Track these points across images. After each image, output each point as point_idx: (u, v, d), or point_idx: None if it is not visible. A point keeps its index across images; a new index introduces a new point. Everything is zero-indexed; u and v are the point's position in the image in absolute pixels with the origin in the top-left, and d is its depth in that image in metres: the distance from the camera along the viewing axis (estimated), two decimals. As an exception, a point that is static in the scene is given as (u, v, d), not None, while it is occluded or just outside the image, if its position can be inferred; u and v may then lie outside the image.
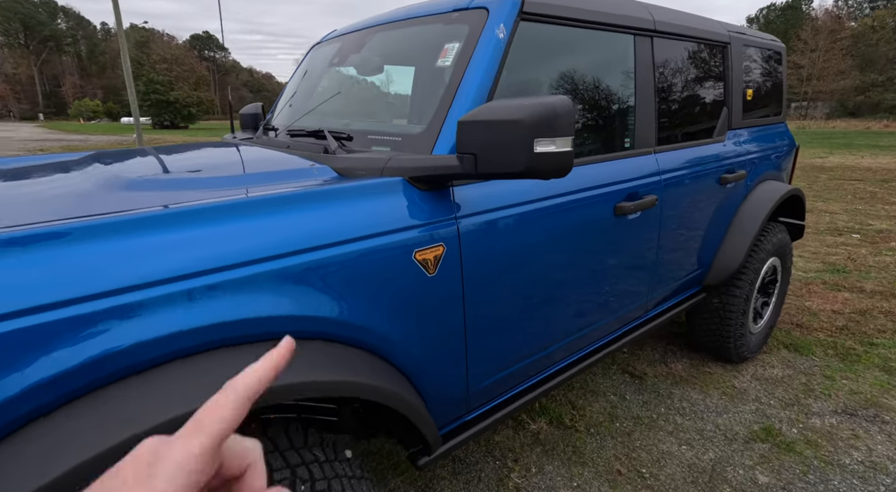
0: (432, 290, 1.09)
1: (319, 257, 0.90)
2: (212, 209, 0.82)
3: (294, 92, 1.89)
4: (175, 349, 0.73)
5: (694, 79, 1.96)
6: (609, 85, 1.61)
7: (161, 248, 0.75)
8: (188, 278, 0.75)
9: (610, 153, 1.59)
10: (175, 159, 1.35)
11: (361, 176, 1.12)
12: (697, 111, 2.01)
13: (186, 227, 0.78)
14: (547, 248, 1.35)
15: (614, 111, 1.63)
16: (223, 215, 0.83)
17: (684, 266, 2.03)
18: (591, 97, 1.55)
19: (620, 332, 1.86)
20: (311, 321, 0.88)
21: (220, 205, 0.83)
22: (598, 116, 1.59)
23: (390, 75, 1.58)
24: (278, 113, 1.90)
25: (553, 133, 0.96)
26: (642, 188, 1.64)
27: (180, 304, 0.74)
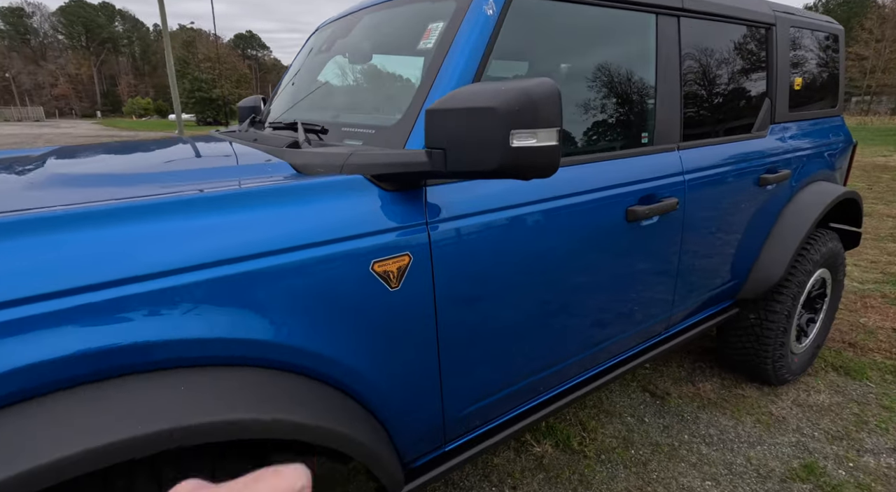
0: (395, 306, 0.94)
1: (250, 269, 0.77)
2: (112, 211, 0.70)
3: (287, 83, 1.79)
4: (55, 379, 0.62)
5: (730, 66, 1.72)
6: (623, 71, 1.41)
7: (37, 257, 0.64)
8: (72, 294, 0.63)
9: (622, 150, 1.39)
10: (127, 156, 1.25)
11: (319, 173, 0.99)
12: (733, 103, 1.76)
13: (74, 231, 0.67)
14: (541, 259, 1.17)
15: (629, 102, 1.43)
16: (128, 217, 0.71)
17: (714, 278, 1.79)
18: (601, 85, 1.36)
19: (639, 349, 1.66)
20: (235, 345, 0.75)
21: (125, 206, 0.71)
22: (609, 108, 1.39)
23: (377, 61, 1.43)
24: (269, 105, 1.80)
25: (534, 124, 0.79)
26: (661, 190, 1.43)
27: (58, 325, 0.62)
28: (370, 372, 0.94)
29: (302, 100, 1.56)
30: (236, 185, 0.86)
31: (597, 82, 1.36)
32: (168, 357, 0.69)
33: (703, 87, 1.63)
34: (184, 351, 0.70)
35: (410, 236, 0.95)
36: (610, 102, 1.40)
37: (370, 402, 0.96)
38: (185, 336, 0.70)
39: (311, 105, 1.52)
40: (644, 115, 1.47)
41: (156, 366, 0.69)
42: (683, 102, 1.54)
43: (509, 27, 1.12)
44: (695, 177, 1.53)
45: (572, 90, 1.32)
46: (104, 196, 0.80)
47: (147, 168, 1.00)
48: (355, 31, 1.50)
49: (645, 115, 1.47)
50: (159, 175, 0.93)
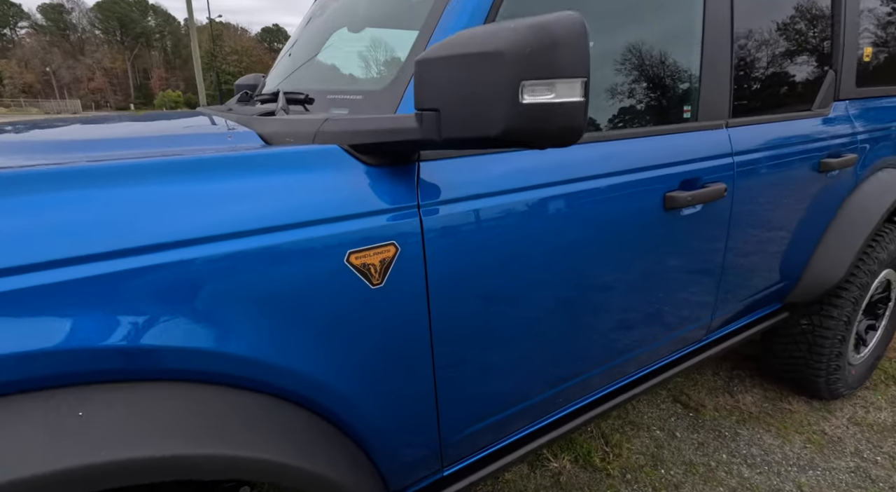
0: (377, 307, 0.77)
1: (177, 260, 0.60)
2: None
3: (283, 56, 1.62)
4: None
5: (790, 31, 1.47)
6: (663, 33, 1.19)
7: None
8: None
9: (660, 125, 1.18)
10: (91, 128, 1.11)
11: (288, 143, 0.82)
12: (792, 74, 1.51)
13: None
14: (563, 252, 0.98)
15: (669, 70, 1.21)
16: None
17: (762, 277, 1.56)
18: (635, 50, 1.14)
19: (674, 357, 1.45)
20: (158, 355, 0.59)
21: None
22: (645, 76, 1.17)
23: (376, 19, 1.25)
24: (262, 83, 1.64)
25: (551, 72, 0.60)
26: (706, 173, 1.21)
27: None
28: (345, 388, 0.77)
29: (294, 71, 1.39)
30: (171, 152, 0.69)
31: (631, 46, 1.14)
32: (58, 372, 0.53)
33: (757, 54, 1.39)
34: (82, 363, 0.54)
35: (398, 222, 0.77)
36: (646, 70, 1.18)
37: (346, 423, 0.79)
38: (83, 345, 0.54)
39: (305, 76, 1.35)
40: (687, 86, 1.25)
41: (48, 382, 0.53)
42: (734, 72, 1.31)
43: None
44: (746, 159, 1.30)
45: (602, 55, 1.11)
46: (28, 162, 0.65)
47: (88, 137, 0.85)
48: (351, -10, 1.32)
49: (688, 86, 1.25)
50: (97, 143, 0.78)
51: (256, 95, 1.45)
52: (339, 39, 1.35)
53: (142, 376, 0.59)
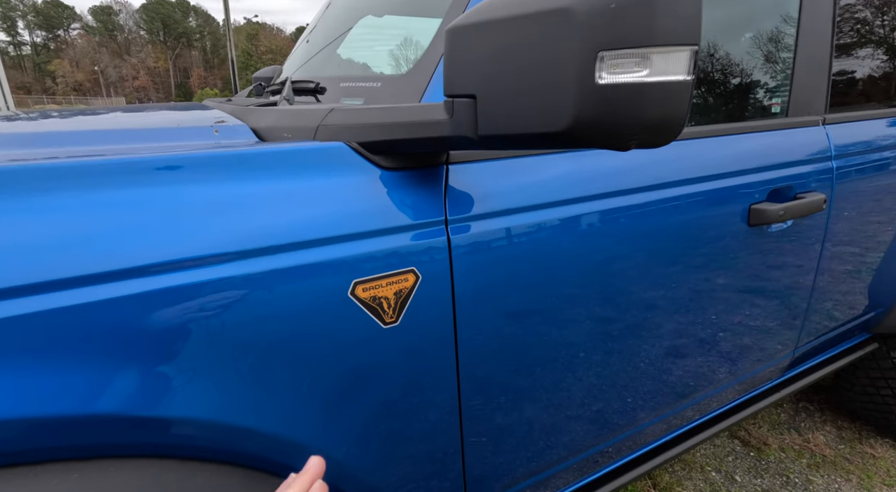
0: (389, 351, 0.59)
1: (128, 294, 0.44)
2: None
3: (301, 43, 1.48)
4: None
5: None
6: (750, 15, 0.97)
7: None
8: None
9: (743, 122, 0.96)
10: (84, 119, 0.97)
11: (285, 139, 0.65)
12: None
13: None
14: (622, 281, 0.78)
15: (754, 54, 0.99)
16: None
17: (851, 306, 1.31)
18: (714, 33, 0.93)
19: (743, 399, 1.22)
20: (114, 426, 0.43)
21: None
22: (725, 64, 0.96)
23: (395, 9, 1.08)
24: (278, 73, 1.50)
25: (646, 38, 0.40)
26: (800, 181, 0.98)
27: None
28: (352, 459, 0.60)
29: (310, 60, 1.23)
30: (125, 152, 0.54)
31: (711, 31, 0.93)
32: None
33: (863, 40, 1.14)
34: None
35: (419, 243, 0.59)
36: (727, 57, 0.96)
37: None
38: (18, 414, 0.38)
39: (321, 65, 1.19)
40: (776, 76, 1.02)
41: None
42: (834, 57, 1.07)
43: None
44: (850, 163, 1.06)
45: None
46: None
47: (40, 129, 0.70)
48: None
49: (777, 75, 1.02)
50: (43, 136, 0.63)
51: (268, 86, 1.30)
52: (360, 25, 1.18)
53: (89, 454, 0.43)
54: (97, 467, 0.44)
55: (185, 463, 0.49)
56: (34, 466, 0.42)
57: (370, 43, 1.08)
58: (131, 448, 0.46)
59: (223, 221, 0.49)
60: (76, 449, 0.43)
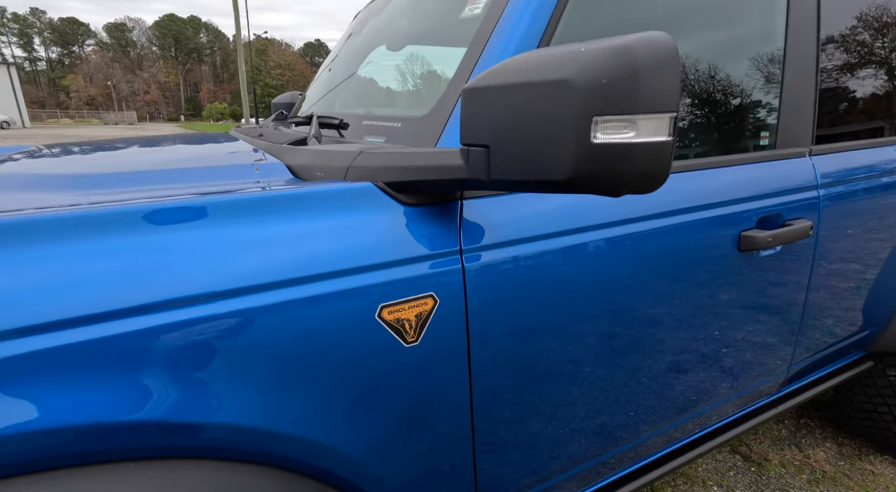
0: (411, 368, 0.67)
1: (184, 319, 0.52)
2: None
3: (321, 74, 1.58)
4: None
5: (886, 44, 1.29)
6: (739, 49, 1.05)
7: None
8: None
9: (733, 155, 1.04)
10: (112, 154, 1.07)
11: (319, 178, 0.73)
12: (889, 92, 1.33)
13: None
14: (623, 302, 0.85)
15: (744, 92, 1.07)
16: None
17: (844, 325, 1.36)
18: (705, 69, 1.01)
19: (741, 413, 1.28)
20: (165, 431, 0.50)
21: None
22: (716, 99, 1.04)
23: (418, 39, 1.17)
24: (300, 100, 1.60)
25: (633, 107, 0.49)
26: (788, 209, 1.06)
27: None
28: (376, 462, 0.67)
29: (329, 92, 1.33)
30: (184, 195, 0.62)
31: (701, 67, 1.01)
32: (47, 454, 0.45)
33: (848, 74, 1.22)
34: (74, 444, 0.46)
35: (436, 271, 0.67)
36: (717, 92, 1.04)
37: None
38: (77, 422, 0.46)
39: (342, 98, 1.29)
40: (764, 109, 1.10)
41: (22, 469, 0.45)
42: (819, 92, 1.15)
43: (588, -16, 0.82)
44: (835, 191, 1.13)
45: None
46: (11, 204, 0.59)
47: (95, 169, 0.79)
48: (390, 9, 1.25)
49: (765, 109, 1.10)
50: (101, 178, 0.72)
51: (291, 116, 1.39)
52: (377, 58, 1.28)
53: (149, 455, 0.51)
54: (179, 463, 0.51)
55: (233, 464, 0.56)
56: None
57: (390, 78, 1.17)
58: (196, 451, 0.53)
59: (277, 253, 0.57)
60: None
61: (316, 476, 0.63)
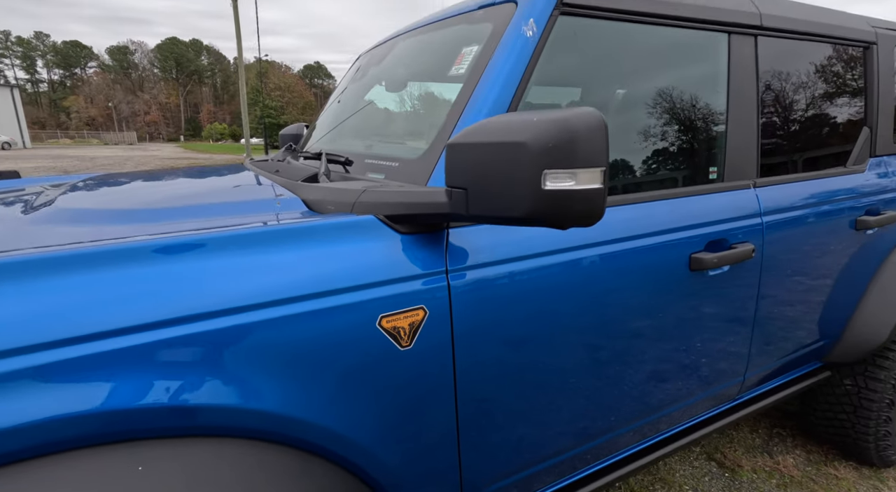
0: (405, 368, 0.81)
1: (231, 325, 0.66)
2: (64, 260, 0.62)
3: (326, 111, 1.75)
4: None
5: (819, 90, 1.48)
6: (689, 98, 1.22)
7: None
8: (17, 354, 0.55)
9: (686, 187, 1.20)
10: (141, 188, 1.22)
11: (330, 212, 0.89)
12: (823, 133, 1.51)
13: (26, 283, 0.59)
14: (588, 314, 1.00)
15: (694, 133, 1.24)
16: (79, 267, 0.63)
17: (798, 337, 1.51)
18: (660, 114, 1.18)
19: (708, 415, 1.41)
20: (207, 413, 0.64)
21: (73, 254, 0.63)
22: (670, 139, 1.21)
23: (413, 89, 1.35)
24: (308, 134, 1.77)
25: (572, 162, 0.65)
26: (733, 234, 1.22)
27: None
28: (375, 445, 0.80)
29: (333, 129, 1.50)
30: (229, 226, 0.77)
31: (656, 111, 1.19)
32: (123, 429, 0.59)
33: (785, 115, 1.40)
34: (144, 421, 0.60)
35: (426, 287, 0.82)
36: (671, 133, 1.22)
37: (372, 478, 0.82)
38: (146, 403, 0.60)
39: (345, 134, 1.45)
40: (712, 148, 1.27)
41: (108, 439, 0.59)
42: (761, 133, 1.33)
43: (553, 49, 0.99)
44: (775, 219, 1.30)
45: (628, 120, 1.16)
46: (91, 236, 0.74)
47: (148, 204, 0.95)
48: (390, 58, 1.43)
49: (713, 148, 1.27)
50: (150, 213, 0.87)
51: (300, 150, 1.56)
52: (378, 101, 1.45)
53: (189, 433, 0.64)
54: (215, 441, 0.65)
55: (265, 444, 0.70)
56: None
57: (389, 122, 1.35)
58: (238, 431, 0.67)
59: (296, 274, 0.72)
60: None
61: (325, 456, 0.76)
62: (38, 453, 0.56)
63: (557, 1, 0.98)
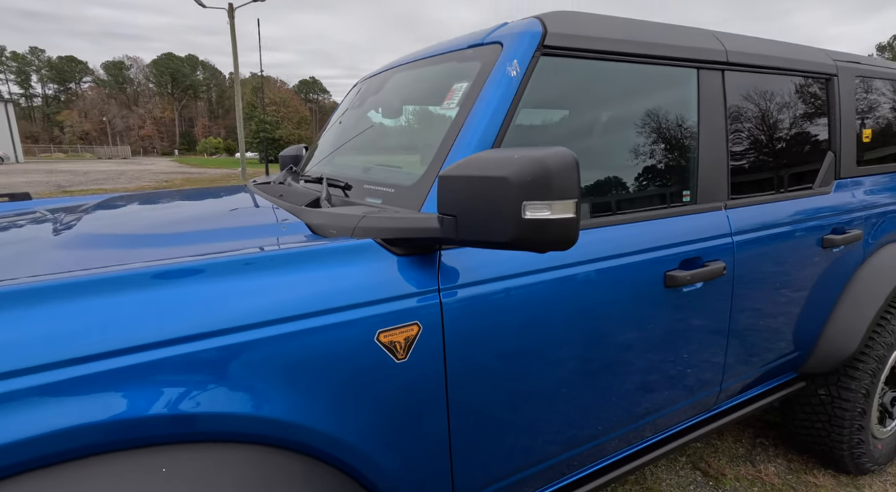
0: (401, 379, 0.88)
1: (245, 340, 0.74)
2: (82, 285, 0.69)
3: (325, 135, 1.84)
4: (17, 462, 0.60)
5: (785, 119, 1.60)
6: (662, 127, 1.33)
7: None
8: (37, 372, 0.62)
9: (661, 209, 1.30)
10: (154, 210, 1.30)
11: (332, 235, 0.97)
12: (790, 158, 1.63)
13: (49, 304, 0.66)
14: (568, 328, 1.08)
15: (668, 159, 1.34)
16: (100, 291, 0.70)
17: (771, 349, 1.60)
18: (636, 142, 1.28)
19: (688, 423, 1.49)
20: (222, 420, 0.71)
21: (94, 279, 0.70)
22: (646, 165, 1.31)
23: (408, 119, 1.45)
24: (308, 156, 1.86)
25: (548, 195, 0.73)
26: (706, 253, 1.31)
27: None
28: (373, 450, 0.87)
29: (331, 154, 1.59)
30: (242, 249, 0.85)
31: (632, 139, 1.29)
32: (147, 435, 0.66)
33: (753, 142, 1.51)
34: (165, 428, 0.67)
35: (420, 304, 0.90)
36: (647, 159, 1.32)
37: (370, 481, 0.89)
38: (166, 412, 0.67)
39: (345, 158, 1.54)
40: (685, 172, 1.37)
41: (133, 444, 0.66)
42: (731, 159, 1.43)
43: (536, 87, 1.09)
44: (745, 238, 1.40)
45: (606, 147, 1.26)
46: (109, 260, 0.81)
47: (159, 228, 1.03)
48: (386, 89, 1.53)
49: (686, 172, 1.37)
50: (169, 237, 0.95)
51: (301, 172, 1.65)
52: (375, 126, 1.55)
53: (204, 438, 0.71)
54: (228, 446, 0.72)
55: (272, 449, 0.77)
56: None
57: (386, 148, 1.44)
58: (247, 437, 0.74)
59: (301, 293, 0.80)
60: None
61: (327, 461, 0.83)
62: (74, 456, 0.63)
63: (539, 43, 1.08)
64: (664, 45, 1.27)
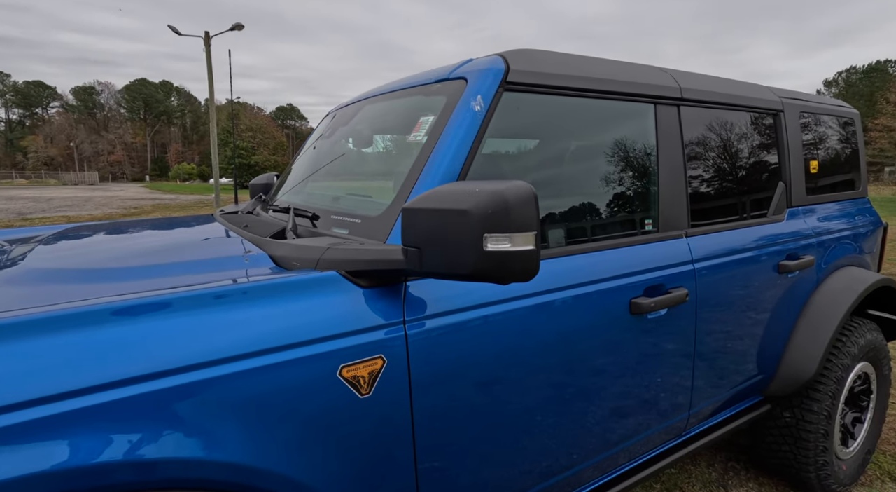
0: (365, 415, 0.86)
1: (200, 379, 0.71)
2: (34, 323, 0.66)
3: (295, 165, 1.84)
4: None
5: (738, 151, 1.68)
6: (623, 159, 1.38)
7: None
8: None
9: (624, 238, 1.33)
10: (115, 242, 1.26)
11: (295, 268, 0.96)
12: (744, 188, 1.71)
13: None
14: (537, 357, 1.08)
15: (630, 189, 1.39)
16: (48, 330, 0.67)
17: (736, 373, 1.63)
18: (599, 173, 1.33)
19: (660, 450, 1.49)
20: (171, 466, 0.68)
21: (43, 317, 0.67)
22: (608, 195, 1.35)
23: (376, 150, 1.46)
24: (278, 184, 1.85)
25: (508, 227, 0.75)
26: (669, 280, 1.34)
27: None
28: (332, 490, 0.84)
29: (301, 182, 1.59)
30: (196, 284, 0.83)
31: (596, 169, 1.33)
32: (92, 485, 0.62)
33: (710, 172, 1.58)
34: (116, 477, 0.63)
35: (385, 337, 0.88)
36: (609, 190, 1.36)
37: (332, 526, 0.85)
38: (115, 458, 0.63)
39: (314, 187, 1.54)
40: (647, 202, 1.42)
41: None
42: (689, 188, 1.50)
43: (500, 120, 1.13)
44: (705, 265, 1.44)
45: (570, 178, 1.30)
46: (65, 296, 0.78)
47: (121, 261, 0.99)
48: (357, 119, 1.55)
49: (648, 202, 1.42)
50: (130, 271, 0.92)
51: (270, 201, 1.63)
52: (344, 156, 1.56)
53: (155, 487, 0.67)
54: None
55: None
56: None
57: (355, 178, 1.44)
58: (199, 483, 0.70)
59: (265, 327, 0.78)
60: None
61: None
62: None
63: (502, 79, 1.12)
64: (621, 82, 1.34)
